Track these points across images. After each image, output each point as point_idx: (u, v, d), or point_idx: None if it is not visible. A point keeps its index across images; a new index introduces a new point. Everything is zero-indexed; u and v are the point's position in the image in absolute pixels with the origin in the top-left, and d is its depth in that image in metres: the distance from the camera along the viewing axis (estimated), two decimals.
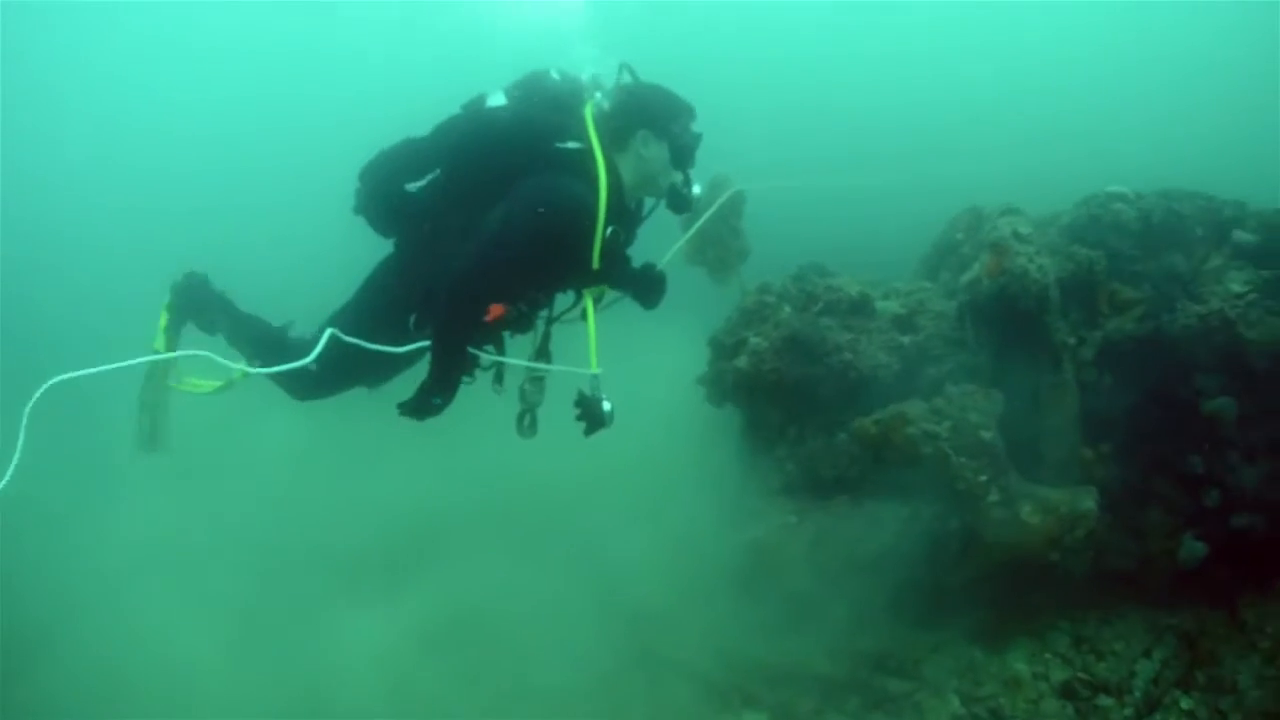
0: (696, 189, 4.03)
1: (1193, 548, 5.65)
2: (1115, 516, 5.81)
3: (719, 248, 5.93)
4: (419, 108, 3.98)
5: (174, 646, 5.11)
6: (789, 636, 5.49)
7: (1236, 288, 5.90)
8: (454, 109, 4.00)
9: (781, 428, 5.60)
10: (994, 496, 5.03)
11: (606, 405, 3.72)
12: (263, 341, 4.24)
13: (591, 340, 3.74)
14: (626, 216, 3.89)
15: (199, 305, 4.41)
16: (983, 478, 5.02)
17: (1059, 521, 5.07)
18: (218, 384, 4.28)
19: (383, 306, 3.92)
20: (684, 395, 6.04)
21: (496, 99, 3.96)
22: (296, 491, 6.20)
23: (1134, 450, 5.85)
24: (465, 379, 3.77)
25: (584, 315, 3.81)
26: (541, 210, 3.52)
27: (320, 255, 6.24)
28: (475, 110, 3.96)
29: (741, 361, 5.39)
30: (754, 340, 5.35)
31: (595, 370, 3.73)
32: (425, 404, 3.66)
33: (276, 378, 3.99)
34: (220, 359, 3.63)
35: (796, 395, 5.42)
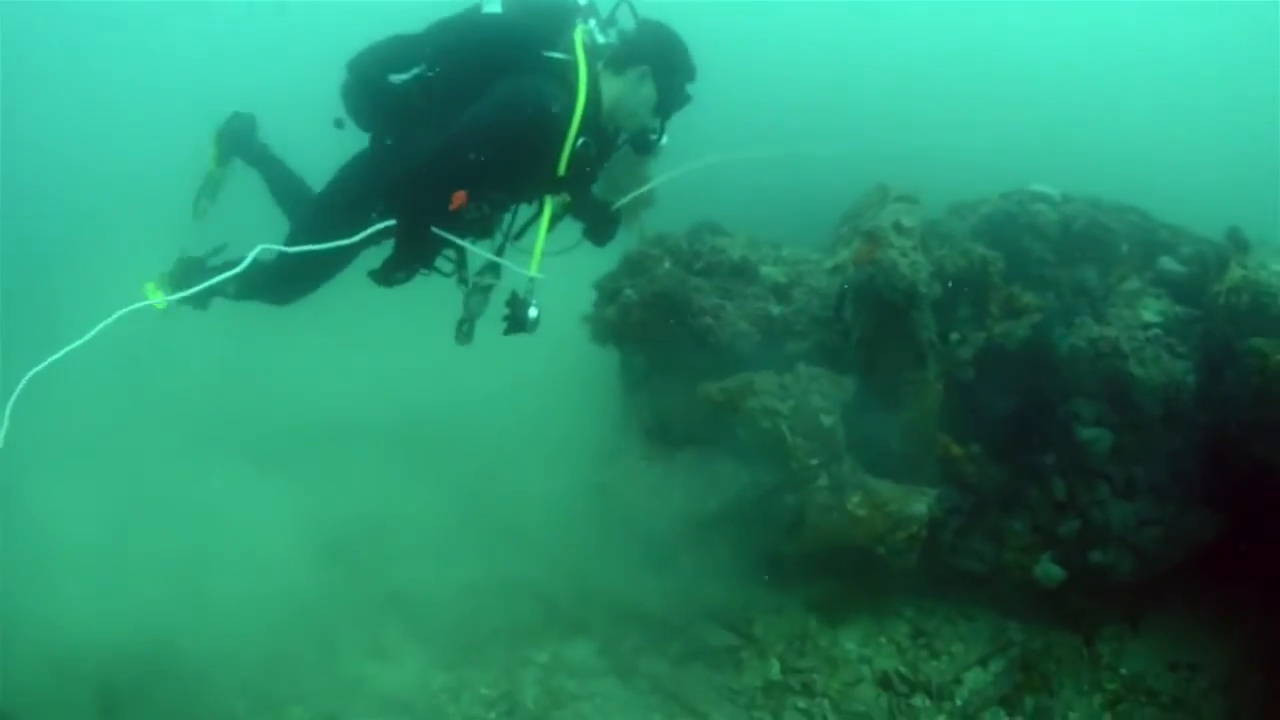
0: (665, 140, 4.11)
1: (1049, 570, 5.65)
2: (977, 518, 5.88)
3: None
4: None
5: (59, 520, 5.56)
6: (634, 574, 5.80)
7: (1148, 316, 5.79)
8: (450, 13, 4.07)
9: (646, 375, 5.85)
10: (823, 481, 5.19)
11: (533, 311, 3.86)
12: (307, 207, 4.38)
13: (539, 244, 3.84)
14: (601, 137, 3.97)
15: (244, 142, 4.75)
16: (814, 461, 5.19)
17: (885, 519, 5.19)
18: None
19: (345, 201, 4.06)
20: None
21: (493, 7, 4.04)
22: (222, 382, 6.74)
23: (1009, 454, 5.85)
24: (423, 271, 3.95)
25: (539, 217, 3.92)
26: (512, 107, 3.65)
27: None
28: (471, 14, 4.05)
29: (610, 312, 5.65)
30: (628, 291, 5.58)
31: (534, 274, 3.84)
32: (389, 276, 3.88)
33: (256, 291, 4.24)
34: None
35: (659, 349, 5.64)
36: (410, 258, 3.85)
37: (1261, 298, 5.42)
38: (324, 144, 4.23)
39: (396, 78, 3.98)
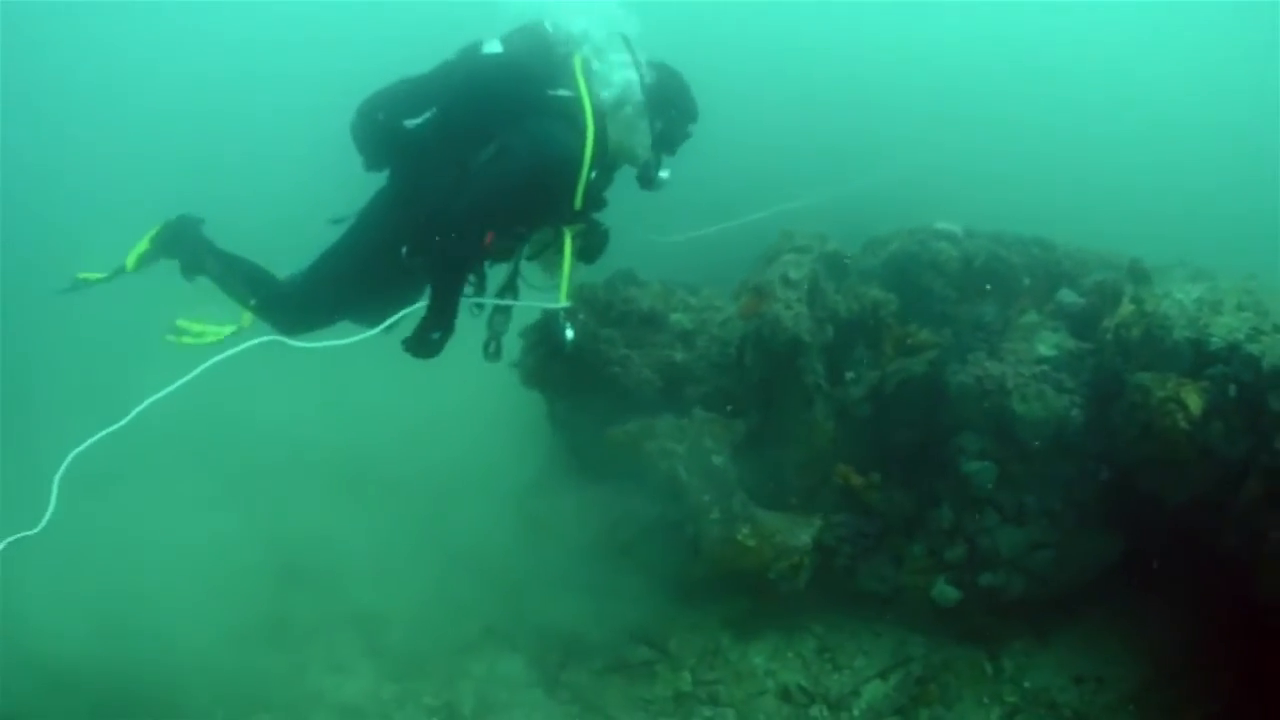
0: (665, 174, 4.29)
1: (945, 591, 6.04)
2: (882, 542, 6.29)
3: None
4: (415, 54, 4.31)
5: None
6: (562, 596, 6.35)
7: (1043, 349, 6.08)
8: (449, 53, 4.30)
9: (567, 417, 6.37)
10: (715, 515, 5.66)
11: (570, 333, 4.29)
12: (258, 281, 4.45)
13: (565, 274, 4.08)
14: (607, 165, 4.17)
15: (189, 245, 4.61)
16: (706, 497, 5.66)
17: (772, 548, 5.65)
18: (228, 329, 4.55)
19: (375, 238, 4.19)
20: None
21: (493, 46, 4.24)
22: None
23: (913, 481, 6.23)
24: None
25: (560, 250, 4.12)
26: (536, 157, 3.87)
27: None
28: (472, 54, 4.25)
29: (532, 361, 6.16)
30: (541, 345, 6.07)
31: (565, 303, 4.13)
32: (425, 340, 3.95)
33: (261, 313, 4.36)
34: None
35: (575, 396, 6.15)
36: (448, 311, 3.94)
37: (1156, 330, 5.65)
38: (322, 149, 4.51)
39: (410, 122, 4.19)
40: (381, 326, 4.09)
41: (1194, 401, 5.33)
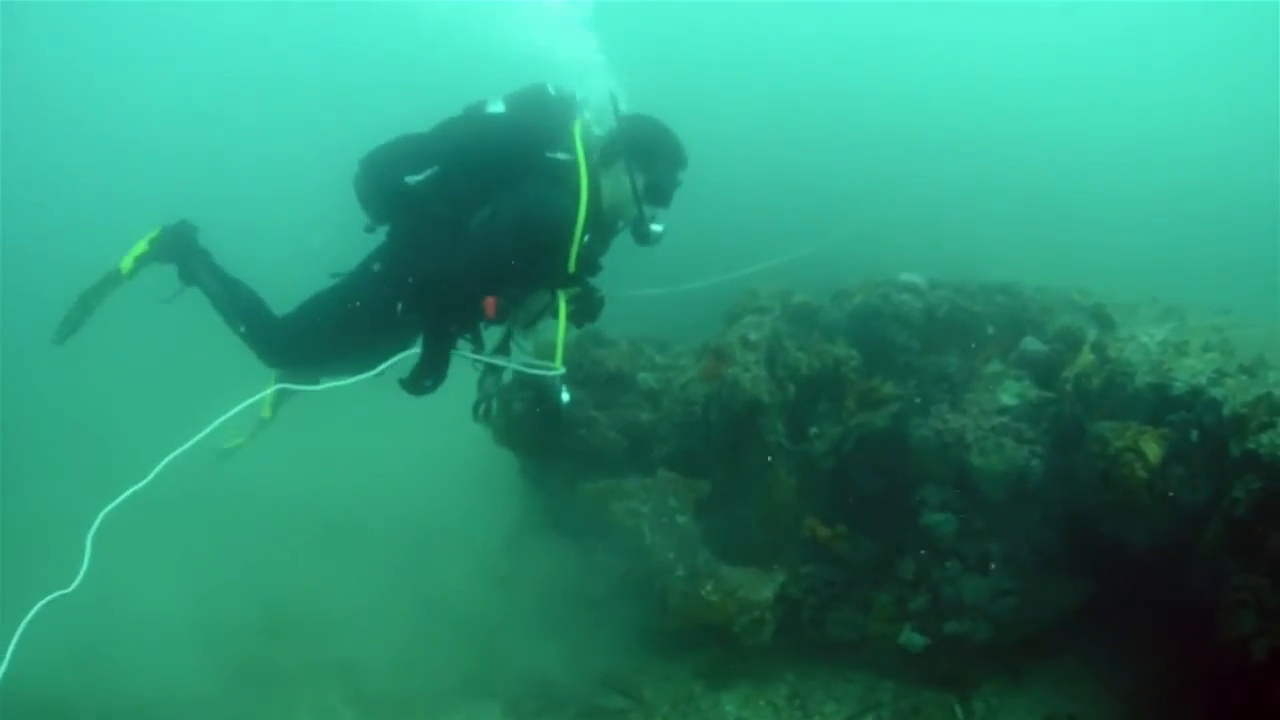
0: (658, 227, 4.27)
1: (911, 639, 6.15)
2: (851, 590, 6.40)
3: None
4: (415, 108, 4.40)
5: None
6: (538, 646, 6.51)
7: (1006, 399, 6.15)
8: (454, 109, 4.38)
9: (539, 474, 6.52)
10: (679, 572, 5.79)
11: (566, 396, 4.37)
12: (253, 311, 4.50)
13: (560, 339, 4.16)
14: (603, 228, 4.25)
15: (185, 251, 4.61)
16: (670, 555, 5.79)
17: (735, 603, 5.77)
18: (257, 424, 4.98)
19: (373, 292, 4.27)
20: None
21: (496, 106, 4.30)
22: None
23: (882, 531, 6.33)
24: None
25: (555, 313, 4.19)
26: (527, 220, 3.92)
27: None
28: (475, 114, 4.32)
29: (500, 421, 6.30)
30: (516, 404, 6.22)
31: (560, 369, 4.21)
32: (418, 384, 4.01)
33: (248, 339, 4.42)
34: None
35: (545, 456, 6.29)
36: (440, 363, 4.01)
37: (1117, 378, 5.71)
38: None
39: (411, 179, 4.29)
40: (377, 370, 4.09)
41: (1152, 450, 5.39)
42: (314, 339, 4.41)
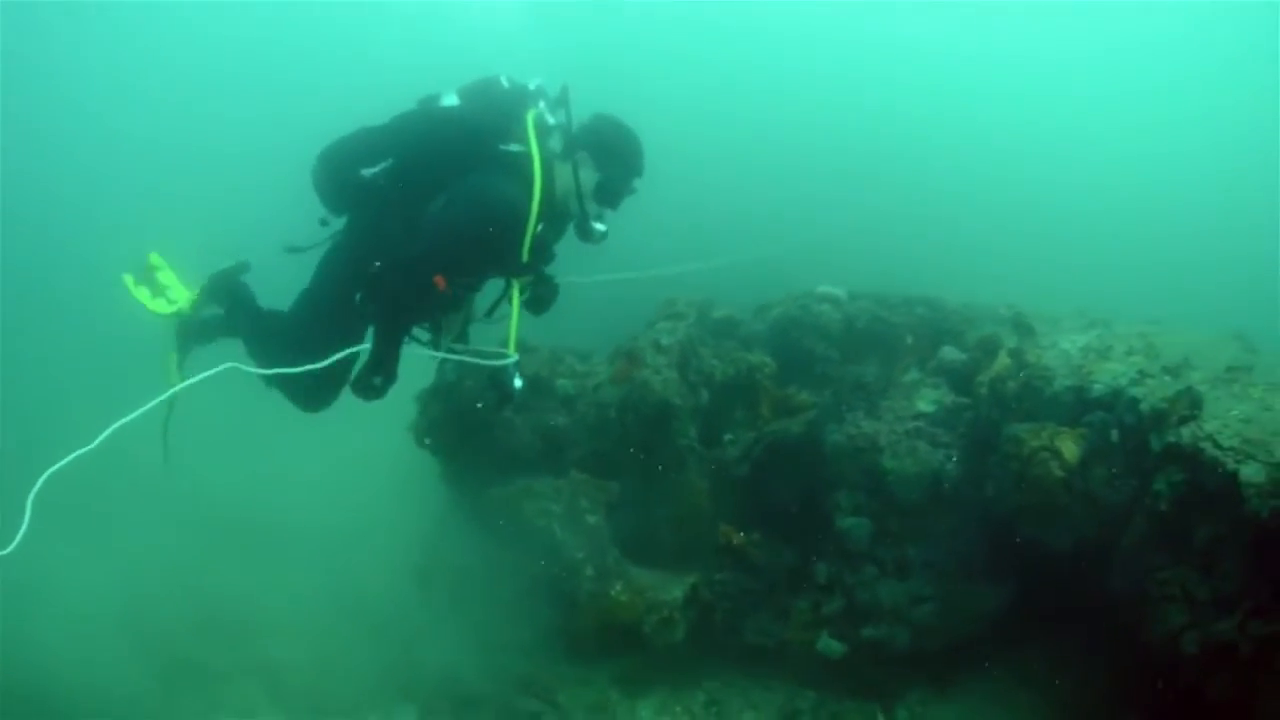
0: (602, 227, 4.30)
1: (829, 645, 6.11)
2: (768, 597, 6.39)
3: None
4: (375, 102, 4.39)
5: None
6: (454, 648, 6.50)
7: (923, 406, 6.19)
8: (409, 103, 4.38)
9: (458, 476, 6.57)
10: (589, 571, 5.81)
11: (518, 383, 4.26)
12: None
13: (513, 326, 4.13)
14: (555, 218, 4.25)
15: (229, 296, 4.78)
16: (580, 554, 5.81)
17: (644, 603, 5.78)
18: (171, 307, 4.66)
19: (334, 287, 4.30)
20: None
21: (450, 99, 4.33)
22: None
23: (797, 538, 6.33)
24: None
25: (509, 301, 4.19)
26: (479, 209, 3.94)
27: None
28: (430, 107, 4.34)
29: (423, 424, 6.37)
30: (433, 408, 6.29)
31: (513, 356, 4.18)
32: (367, 384, 4.01)
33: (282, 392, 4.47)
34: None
35: (463, 458, 6.35)
36: (391, 357, 4.03)
37: (1036, 381, 5.72)
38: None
39: (367, 171, 4.33)
40: (322, 364, 4.01)
41: (1069, 449, 5.38)
42: (290, 342, 4.38)
